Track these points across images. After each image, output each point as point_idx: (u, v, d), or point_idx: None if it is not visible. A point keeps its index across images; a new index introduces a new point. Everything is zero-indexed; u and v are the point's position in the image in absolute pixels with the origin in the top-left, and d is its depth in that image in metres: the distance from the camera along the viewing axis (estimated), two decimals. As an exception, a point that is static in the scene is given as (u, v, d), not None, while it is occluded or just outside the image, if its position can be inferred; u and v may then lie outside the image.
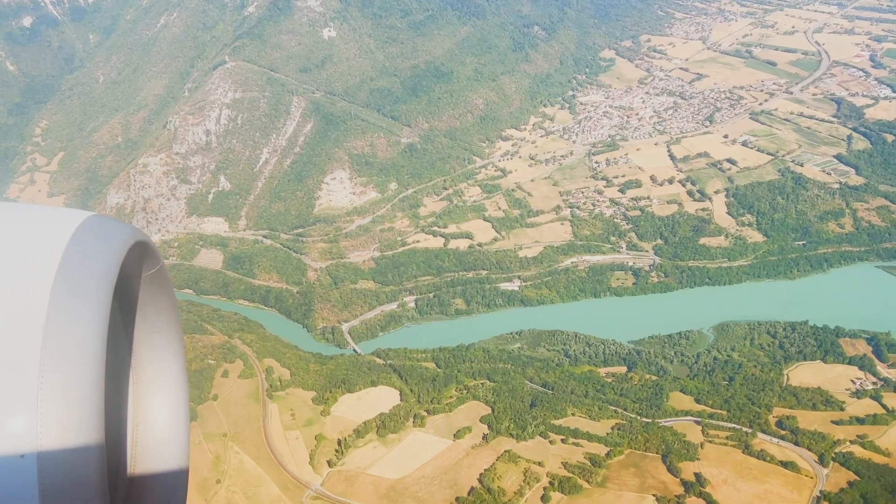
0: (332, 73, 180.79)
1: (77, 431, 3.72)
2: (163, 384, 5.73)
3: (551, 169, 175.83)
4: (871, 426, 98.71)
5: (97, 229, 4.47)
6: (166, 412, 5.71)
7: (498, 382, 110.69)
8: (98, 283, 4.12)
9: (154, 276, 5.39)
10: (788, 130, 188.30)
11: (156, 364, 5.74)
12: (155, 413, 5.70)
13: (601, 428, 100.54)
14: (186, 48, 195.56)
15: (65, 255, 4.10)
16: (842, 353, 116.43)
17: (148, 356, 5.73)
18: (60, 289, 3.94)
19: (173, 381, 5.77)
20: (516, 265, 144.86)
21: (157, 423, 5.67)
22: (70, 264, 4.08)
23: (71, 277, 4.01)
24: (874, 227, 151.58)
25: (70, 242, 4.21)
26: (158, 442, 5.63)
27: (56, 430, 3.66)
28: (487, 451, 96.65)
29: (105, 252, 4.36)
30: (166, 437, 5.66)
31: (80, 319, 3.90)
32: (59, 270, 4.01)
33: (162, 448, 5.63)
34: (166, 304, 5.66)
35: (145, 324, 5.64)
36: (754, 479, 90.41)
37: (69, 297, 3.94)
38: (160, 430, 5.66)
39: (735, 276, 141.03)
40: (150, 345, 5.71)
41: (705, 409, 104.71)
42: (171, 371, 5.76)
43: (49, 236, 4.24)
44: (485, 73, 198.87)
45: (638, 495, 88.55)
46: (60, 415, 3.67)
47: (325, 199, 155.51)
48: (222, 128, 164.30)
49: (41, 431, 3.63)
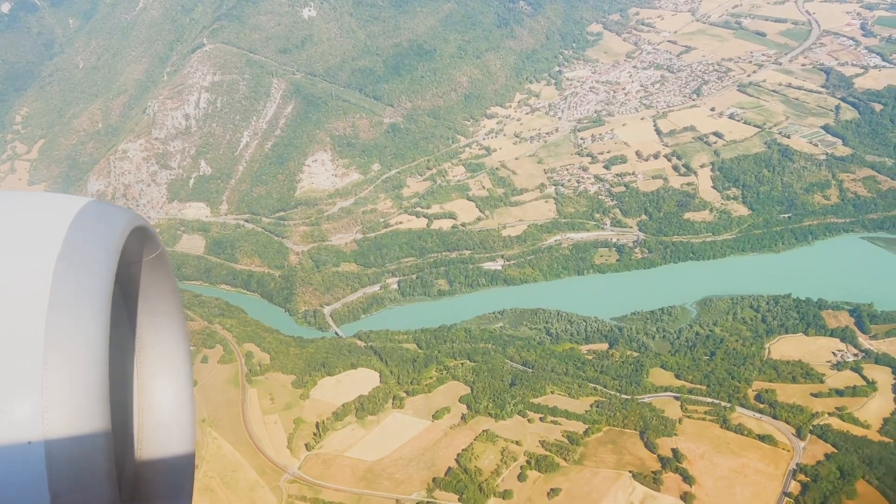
0: (313, 54, 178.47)
1: (83, 417, 3.71)
2: (167, 368, 5.76)
3: (536, 146, 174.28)
4: (850, 398, 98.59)
5: (96, 215, 4.44)
6: (171, 396, 5.74)
7: (478, 362, 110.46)
8: (99, 269, 4.11)
9: (154, 260, 5.39)
10: (776, 102, 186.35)
11: (159, 348, 5.76)
12: (160, 397, 5.72)
13: (580, 405, 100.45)
14: (165, 31, 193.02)
15: (65, 241, 4.09)
16: (824, 326, 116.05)
17: (151, 340, 5.75)
18: (62, 276, 3.93)
19: (177, 364, 5.79)
20: (500, 244, 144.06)
21: (163, 407, 5.70)
22: (71, 251, 4.06)
23: (72, 264, 4.00)
24: (860, 198, 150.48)
25: (70, 229, 4.19)
26: (165, 426, 5.66)
27: (62, 416, 3.65)
28: (466, 430, 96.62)
29: (105, 238, 4.35)
30: (172, 420, 5.69)
31: (82, 306, 3.89)
32: (59, 257, 4.00)
33: (168, 432, 5.65)
34: (167, 288, 5.66)
35: (147, 308, 5.66)
36: (731, 454, 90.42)
37: (71, 283, 3.93)
38: (166, 414, 5.69)
39: (719, 251, 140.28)
40: (153, 329, 5.74)
41: (685, 384, 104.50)
42: (174, 355, 5.79)
43: (49, 223, 4.22)
44: (469, 51, 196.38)
45: (615, 472, 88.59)
46: (66, 401, 3.67)
47: (307, 182, 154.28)
48: (202, 112, 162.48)
49: (47, 418, 3.61)
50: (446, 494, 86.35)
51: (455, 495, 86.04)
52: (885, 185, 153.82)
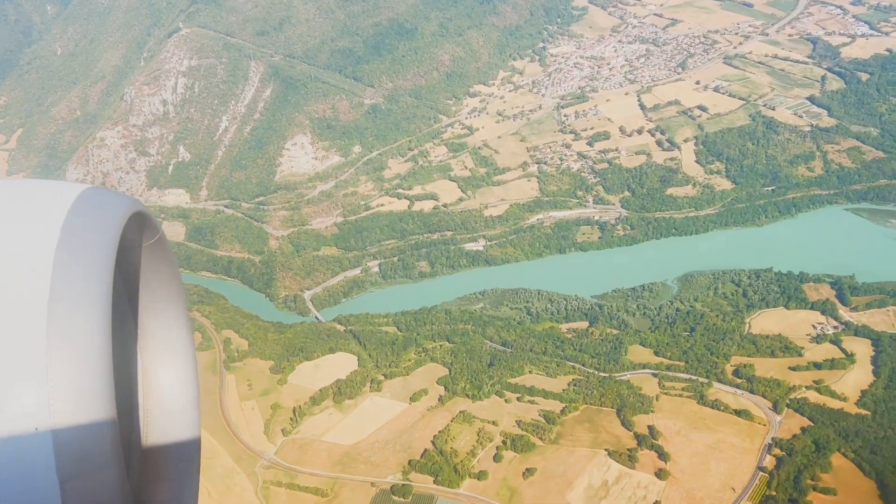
0: (291, 35, 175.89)
1: (89, 403, 3.74)
2: (170, 353, 5.75)
3: (519, 124, 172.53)
4: (828, 371, 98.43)
5: (94, 201, 4.39)
6: (175, 380, 5.73)
7: (457, 343, 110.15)
8: (99, 256, 4.09)
9: (154, 245, 5.36)
10: (762, 74, 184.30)
11: (162, 333, 5.75)
12: (164, 381, 5.72)
13: (558, 384, 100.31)
14: (142, 16, 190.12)
15: (64, 229, 4.06)
16: (805, 299, 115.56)
17: (153, 326, 5.74)
18: (62, 263, 3.91)
19: (180, 349, 5.79)
20: (481, 225, 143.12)
21: (167, 392, 5.70)
22: (70, 238, 4.03)
23: (71, 251, 3.98)
24: (844, 169, 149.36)
25: (68, 216, 4.14)
26: (170, 409, 5.67)
27: (68, 403, 3.68)
28: (443, 412, 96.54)
29: (104, 224, 4.30)
30: (177, 403, 5.70)
31: (83, 293, 3.89)
32: (59, 245, 3.98)
33: (173, 415, 5.66)
34: (168, 273, 5.64)
35: (149, 294, 5.64)
36: (707, 429, 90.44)
37: (71, 271, 3.91)
38: (171, 399, 5.69)
39: (702, 226, 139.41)
40: (155, 314, 5.72)
41: (663, 360, 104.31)
42: (177, 339, 5.78)
43: (47, 211, 4.18)
44: (450, 28, 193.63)
45: (590, 450, 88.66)
46: (71, 387, 3.70)
47: (287, 166, 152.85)
48: (179, 97, 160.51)
49: (53, 405, 3.64)
50: (422, 476, 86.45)
51: (430, 477, 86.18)
52: (870, 155, 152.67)
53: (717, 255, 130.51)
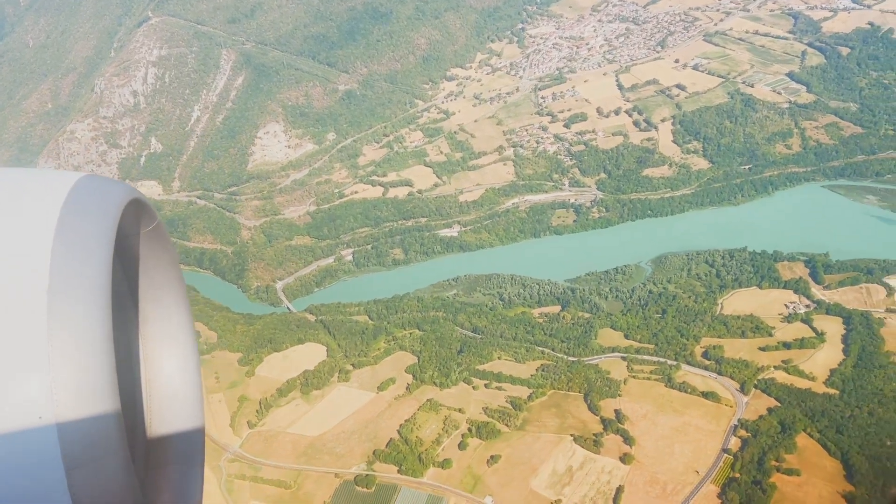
0: (263, 22, 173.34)
1: (92, 391, 3.75)
2: (172, 339, 5.72)
3: (496, 107, 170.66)
4: (797, 350, 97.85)
5: (91, 189, 4.38)
6: (177, 366, 5.70)
7: (426, 331, 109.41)
8: (98, 244, 4.09)
9: (152, 232, 5.33)
10: (742, 50, 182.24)
11: (163, 320, 5.71)
12: (167, 368, 5.69)
13: (526, 370, 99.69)
14: (113, 5, 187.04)
15: (61, 217, 4.05)
16: (778, 278, 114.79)
17: (154, 313, 5.71)
18: (60, 252, 3.92)
19: (181, 335, 5.75)
20: (456, 210, 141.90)
21: (170, 378, 5.67)
22: (68, 227, 4.03)
23: (70, 240, 3.98)
24: (822, 145, 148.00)
25: (65, 204, 4.13)
26: (172, 396, 5.65)
27: (71, 392, 3.69)
28: (410, 401, 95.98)
29: (101, 212, 4.29)
30: (180, 390, 5.66)
31: (83, 281, 3.90)
32: (57, 233, 3.97)
33: (177, 401, 5.64)
34: (167, 260, 5.60)
35: (148, 281, 5.60)
36: (674, 412, 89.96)
37: (70, 259, 3.92)
38: (173, 385, 5.66)
39: (677, 206, 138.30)
40: (155, 301, 5.69)
41: (633, 344, 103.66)
42: (178, 326, 5.74)
43: (44, 200, 4.17)
44: (427, 11, 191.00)
45: (556, 436, 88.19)
46: (74, 376, 3.71)
47: (260, 155, 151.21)
48: (150, 87, 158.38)
49: (56, 394, 3.66)
50: (386, 466, 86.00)
51: (395, 467, 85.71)
52: (848, 131, 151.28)
53: (692, 236, 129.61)
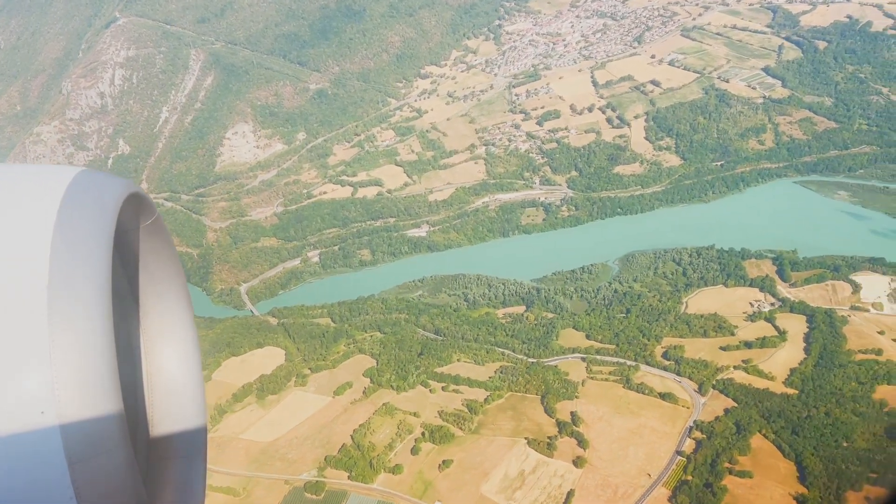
0: (234, 22, 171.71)
1: (93, 386, 3.75)
2: (172, 333, 5.68)
3: (469, 105, 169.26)
4: (758, 350, 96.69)
5: (90, 184, 4.37)
6: (178, 360, 5.67)
7: (387, 333, 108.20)
8: (97, 239, 4.08)
9: (151, 226, 5.30)
10: (719, 45, 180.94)
11: (163, 314, 5.68)
12: (168, 361, 5.66)
13: (485, 372, 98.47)
14: (83, 6, 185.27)
15: (60, 213, 4.04)
16: (744, 276, 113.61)
17: (154, 308, 5.67)
18: (60, 248, 3.90)
19: (182, 329, 5.71)
20: (425, 210, 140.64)
21: (171, 372, 5.65)
22: (67, 222, 4.02)
23: (69, 235, 3.98)
24: (795, 141, 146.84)
25: (64, 200, 4.12)
26: (174, 390, 5.62)
27: (72, 387, 3.69)
28: (366, 405, 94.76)
29: (100, 207, 4.26)
30: (181, 384, 5.63)
31: (82, 276, 3.89)
32: (56, 229, 3.96)
33: (178, 396, 5.62)
34: (166, 254, 5.56)
35: (148, 275, 5.56)
36: (630, 414, 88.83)
37: (69, 255, 3.91)
38: (175, 378, 5.64)
39: (647, 204, 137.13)
40: (156, 296, 5.65)
41: (594, 344, 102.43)
42: (178, 320, 5.70)
43: (42, 195, 4.14)
44: (401, 9, 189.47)
45: (510, 439, 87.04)
46: (75, 371, 3.71)
47: (228, 156, 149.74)
48: (117, 89, 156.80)
49: (58, 388, 3.67)
50: (337, 472, 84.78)
51: (346, 473, 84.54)
52: (822, 126, 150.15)
53: (660, 234, 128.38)
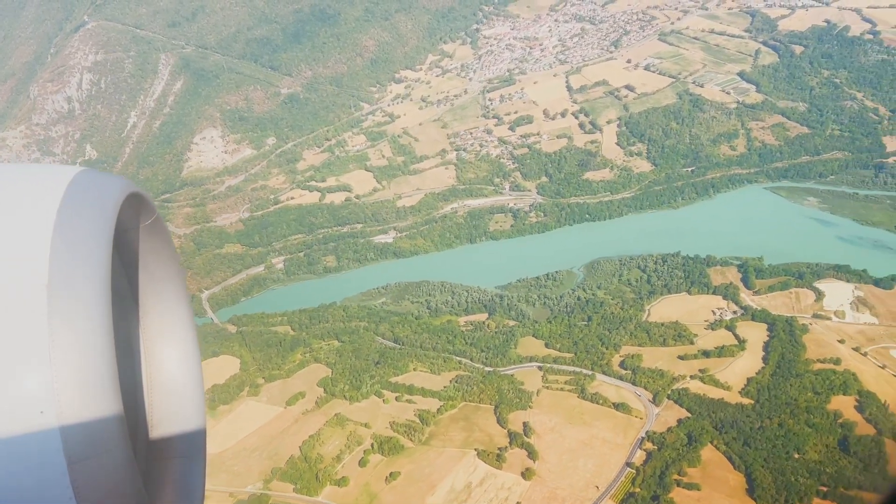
0: (205, 26, 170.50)
1: (93, 386, 3.74)
2: (172, 333, 5.69)
3: (442, 110, 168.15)
4: (716, 359, 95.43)
5: (89, 184, 4.37)
6: (178, 360, 5.67)
7: (345, 342, 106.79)
8: (97, 239, 4.06)
9: (151, 226, 5.31)
10: (696, 49, 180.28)
11: (162, 314, 5.67)
12: (167, 361, 5.67)
13: (440, 382, 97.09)
14: (54, 9, 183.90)
15: (59, 212, 4.03)
16: (708, 283, 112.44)
17: (154, 307, 5.67)
18: (59, 247, 3.88)
19: (182, 329, 5.72)
20: (393, 216, 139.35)
21: (171, 372, 5.65)
22: (66, 222, 4.00)
23: (69, 235, 3.96)
24: (767, 146, 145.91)
25: (63, 199, 4.12)
26: (174, 390, 5.62)
27: (72, 386, 3.68)
28: (318, 415, 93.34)
29: (100, 206, 4.26)
30: (181, 383, 5.63)
31: (82, 276, 3.88)
32: (55, 229, 3.95)
33: (178, 395, 5.62)
34: (166, 254, 5.57)
35: (148, 275, 5.54)
36: (583, 424, 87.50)
37: (69, 254, 3.90)
38: (174, 378, 5.63)
39: (616, 210, 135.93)
40: (155, 295, 5.62)
41: (552, 353, 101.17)
42: (178, 319, 5.71)
43: (42, 195, 4.12)
44: (377, 13, 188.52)
45: (460, 450, 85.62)
46: (75, 371, 3.69)
47: (195, 161, 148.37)
48: (85, 93, 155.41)
49: (57, 387, 3.67)
50: (283, 485, 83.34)
51: (291, 485, 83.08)
52: (794, 131, 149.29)
53: (628, 241, 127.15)
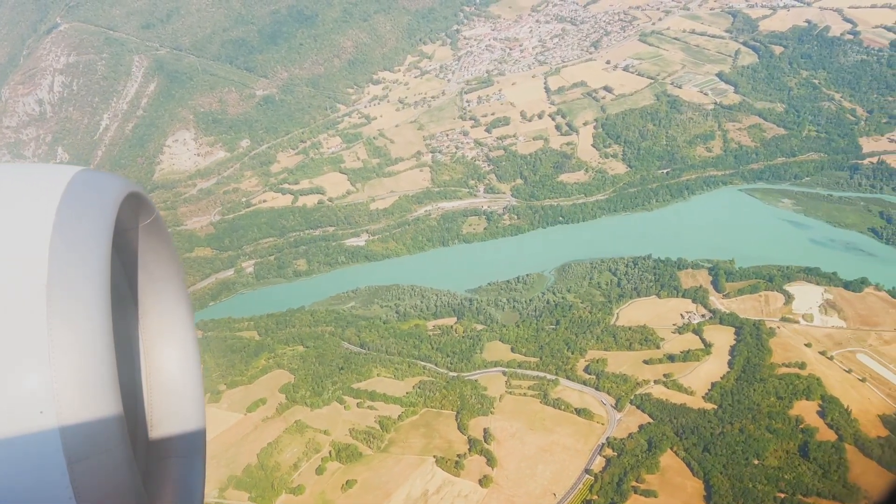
0: (180, 27, 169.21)
1: (93, 385, 3.73)
2: (171, 332, 5.67)
3: (419, 112, 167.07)
4: (681, 363, 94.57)
5: (88, 184, 4.37)
6: (178, 358, 5.66)
7: (310, 347, 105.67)
8: (96, 238, 4.05)
9: (150, 225, 5.29)
10: (676, 50, 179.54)
11: (162, 314, 5.65)
12: (167, 360, 5.65)
13: (403, 387, 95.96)
14: (28, 11, 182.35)
15: (59, 212, 4.01)
16: (678, 286, 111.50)
17: (153, 307, 5.64)
18: (59, 247, 3.86)
19: (181, 328, 5.70)
20: (366, 219, 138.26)
21: (170, 371, 5.64)
22: (65, 221, 3.99)
23: (68, 235, 3.95)
24: (743, 147, 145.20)
25: (62, 199, 4.11)
26: (173, 389, 5.62)
27: (72, 385, 3.67)
28: (278, 422, 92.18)
29: (99, 206, 4.26)
30: (180, 384, 5.63)
31: (82, 275, 3.86)
32: (55, 228, 3.93)
33: (177, 395, 5.62)
34: (166, 254, 5.55)
35: (147, 274, 5.53)
36: (544, 431, 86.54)
37: (68, 254, 3.88)
38: (174, 378, 5.63)
39: (590, 213, 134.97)
40: (155, 295, 5.60)
41: (518, 357, 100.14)
42: (177, 319, 5.69)
43: (41, 195, 4.11)
44: (355, 14, 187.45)
45: (419, 457, 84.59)
46: (74, 371, 3.68)
47: (168, 164, 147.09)
48: (56, 96, 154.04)
49: (57, 387, 3.67)
50: (238, 493, 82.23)
51: (247, 494, 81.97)
52: (770, 132, 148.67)
53: (600, 243, 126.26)
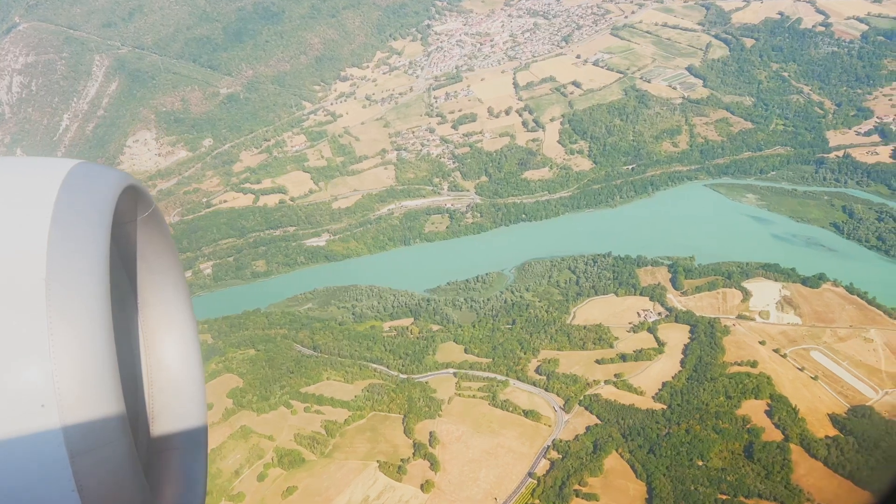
0: (142, 26, 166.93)
1: (93, 378, 3.71)
2: (171, 324, 5.65)
3: (386, 109, 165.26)
4: (633, 363, 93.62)
5: (86, 177, 4.36)
6: (178, 351, 5.64)
7: (261, 351, 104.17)
8: (94, 231, 4.02)
9: (149, 218, 5.30)
10: (647, 44, 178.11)
11: (161, 306, 5.63)
12: (167, 353, 5.64)
13: (352, 391, 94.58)
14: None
15: (57, 205, 3.99)
16: (636, 284, 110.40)
17: (153, 299, 5.62)
18: (57, 240, 3.85)
19: (181, 320, 5.68)
20: (328, 218, 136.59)
21: (171, 362, 5.63)
22: (64, 214, 3.97)
23: (66, 228, 3.92)
24: (709, 142, 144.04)
25: (60, 192, 4.11)
26: (174, 381, 5.60)
27: (72, 379, 3.65)
28: (223, 428, 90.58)
29: (97, 199, 4.26)
30: (181, 376, 5.61)
31: (80, 268, 3.85)
32: (53, 221, 3.91)
33: (178, 387, 5.59)
34: (164, 246, 5.56)
35: (146, 267, 5.54)
36: (490, 433, 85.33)
37: (67, 247, 3.86)
38: (174, 370, 5.62)
39: (553, 210, 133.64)
40: (154, 287, 5.60)
41: (470, 358, 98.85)
42: (177, 311, 5.67)
43: (39, 188, 4.10)
44: (323, 10, 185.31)
45: (362, 463, 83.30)
46: (74, 364, 3.67)
47: (128, 164, 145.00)
48: (15, 96, 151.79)
49: (58, 381, 3.67)
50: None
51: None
52: (737, 127, 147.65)
53: (561, 241, 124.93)
